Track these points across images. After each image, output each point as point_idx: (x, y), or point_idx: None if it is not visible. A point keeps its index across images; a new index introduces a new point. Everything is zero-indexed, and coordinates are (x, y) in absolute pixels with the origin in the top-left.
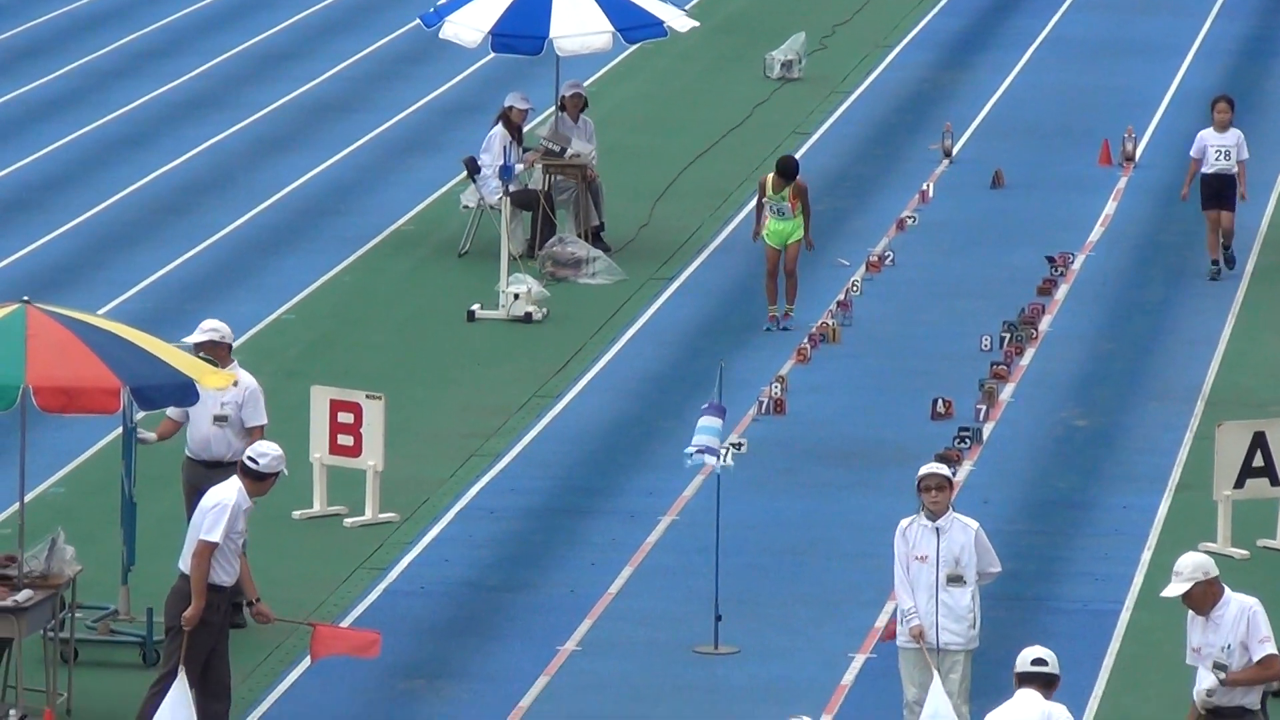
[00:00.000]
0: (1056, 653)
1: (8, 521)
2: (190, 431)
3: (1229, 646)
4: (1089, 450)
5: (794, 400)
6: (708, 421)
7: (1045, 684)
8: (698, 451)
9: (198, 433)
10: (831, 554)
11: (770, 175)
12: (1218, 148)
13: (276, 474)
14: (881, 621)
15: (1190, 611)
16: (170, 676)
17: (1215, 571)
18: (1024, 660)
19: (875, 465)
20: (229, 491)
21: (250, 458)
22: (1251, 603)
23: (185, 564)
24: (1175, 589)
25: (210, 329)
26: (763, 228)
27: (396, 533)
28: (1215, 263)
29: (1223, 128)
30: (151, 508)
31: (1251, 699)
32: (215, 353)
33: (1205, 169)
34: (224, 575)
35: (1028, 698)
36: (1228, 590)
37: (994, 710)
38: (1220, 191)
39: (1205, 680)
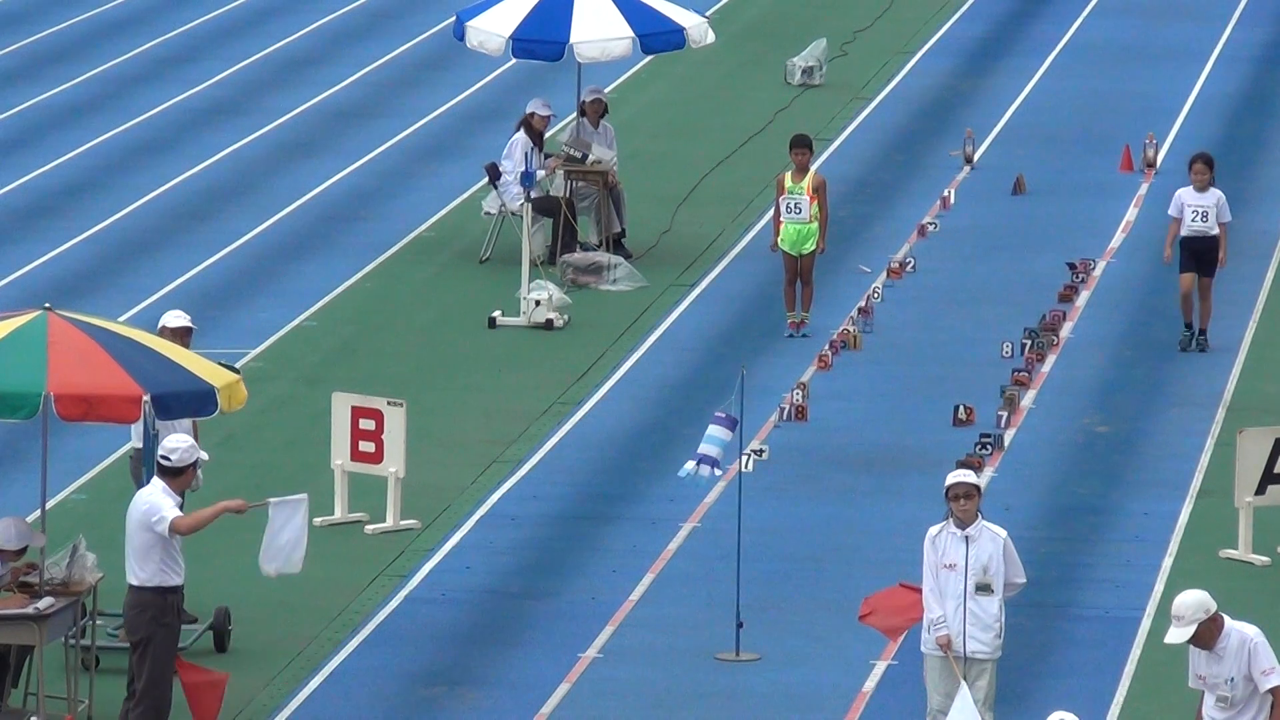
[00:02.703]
0: (1077, 660)
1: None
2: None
3: (1232, 679)
4: (1110, 456)
5: (816, 407)
6: (715, 431)
7: None
8: (696, 463)
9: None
10: (853, 560)
11: (788, 172)
12: (1195, 208)
13: (193, 464)
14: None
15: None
16: (150, 690)
17: (1214, 606)
18: None
19: (897, 472)
20: (156, 494)
21: (164, 455)
22: (1252, 633)
23: (135, 577)
24: (1179, 635)
25: (184, 315)
26: (779, 235)
27: (418, 540)
28: (1188, 327)
29: (1202, 188)
30: None
31: (1258, 715)
32: (185, 340)
33: (1183, 231)
34: (173, 576)
35: None
36: (1227, 620)
37: None
38: (1198, 255)
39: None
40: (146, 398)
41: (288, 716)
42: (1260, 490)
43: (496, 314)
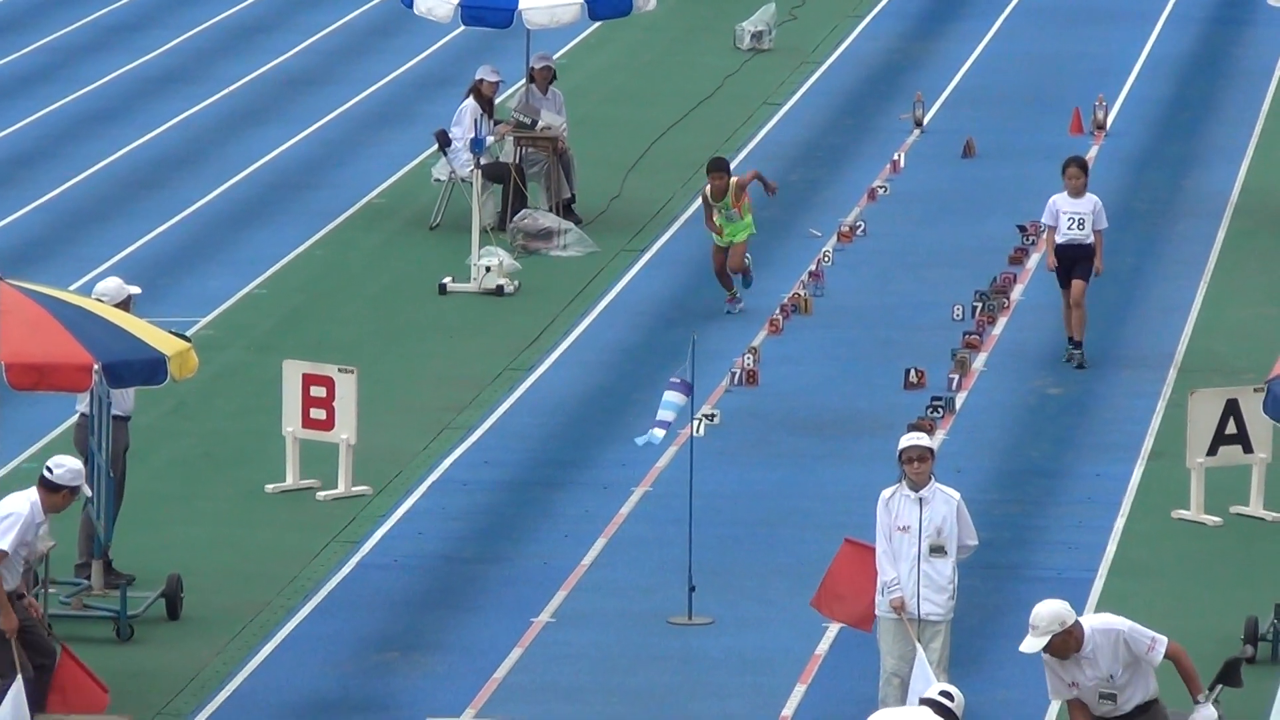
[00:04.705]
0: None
1: None
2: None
3: (1113, 676)
4: (1062, 419)
5: (766, 371)
6: (671, 397)
7: (944, 715)
8: (654, 426)
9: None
10: (805, 524)
11: (707, 186)
12: (1071, 215)
13: (72, 489)
14: None
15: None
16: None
17: (1072, 618)
18: (933, 690)
19: (848, 435)
20: (22, 503)
21: (47, 467)
22: (1117, 624)
23: None
24: (1033, 644)
25: (123, 285)
26: (720, 234)
27: (370, 506)
28: (1074, 342)
29: (1076, 193)
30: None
31: (1150, 688)
32: (128, 309)
33: (1059, 238)
34: (8, 582)
35: (927, 712)
36: (1086, 625)
37: (882, 713)
38: (1073, 264)
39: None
40: (97, 366)
41: (240, 683)
42: (1212, 451)
43: (447, 280)
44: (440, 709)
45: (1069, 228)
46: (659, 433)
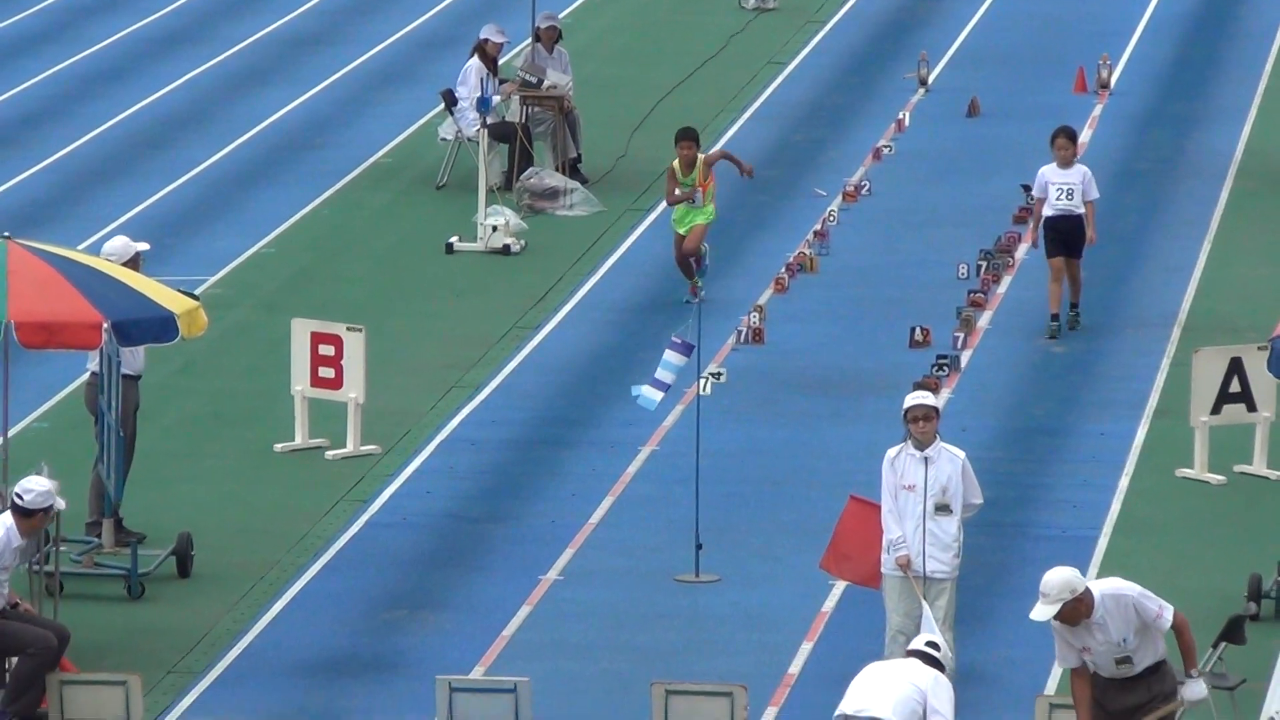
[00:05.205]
0: (1035, 579)
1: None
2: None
3: (1125, 639)
4: (1066, 377)
5: (772, 330)
6: (670, 357)
7: (931, 664)
8: (649, 385)
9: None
10: (811, 482)
11: (675, 162)
12: (1060, 186)
13: (46, 509)
14: None
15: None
16: None
17: (1082, 585)
18: (920, 640)
19: (853, 394)
20: None
21: (17, 493)
22: (1127, 590)
23: None
24: (1044, 612)
25: (130, 242)
26: (675, 198)
27: (378, 465)
28: (1055, 318)
29: (1065, 164)
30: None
31: (1159, 650)
32: (136, 267)
33: (1048, 210)
34: None
35: (913, 663)
36: (1095, 590)
37: (874, 665)
38: (1065, 236)
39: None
40: (107, 324)
41: (251, 641)
42: (1215, 410)
43: (454, 239)
44: (449, 666)
45: (1058, 199)
46: (656, 394)
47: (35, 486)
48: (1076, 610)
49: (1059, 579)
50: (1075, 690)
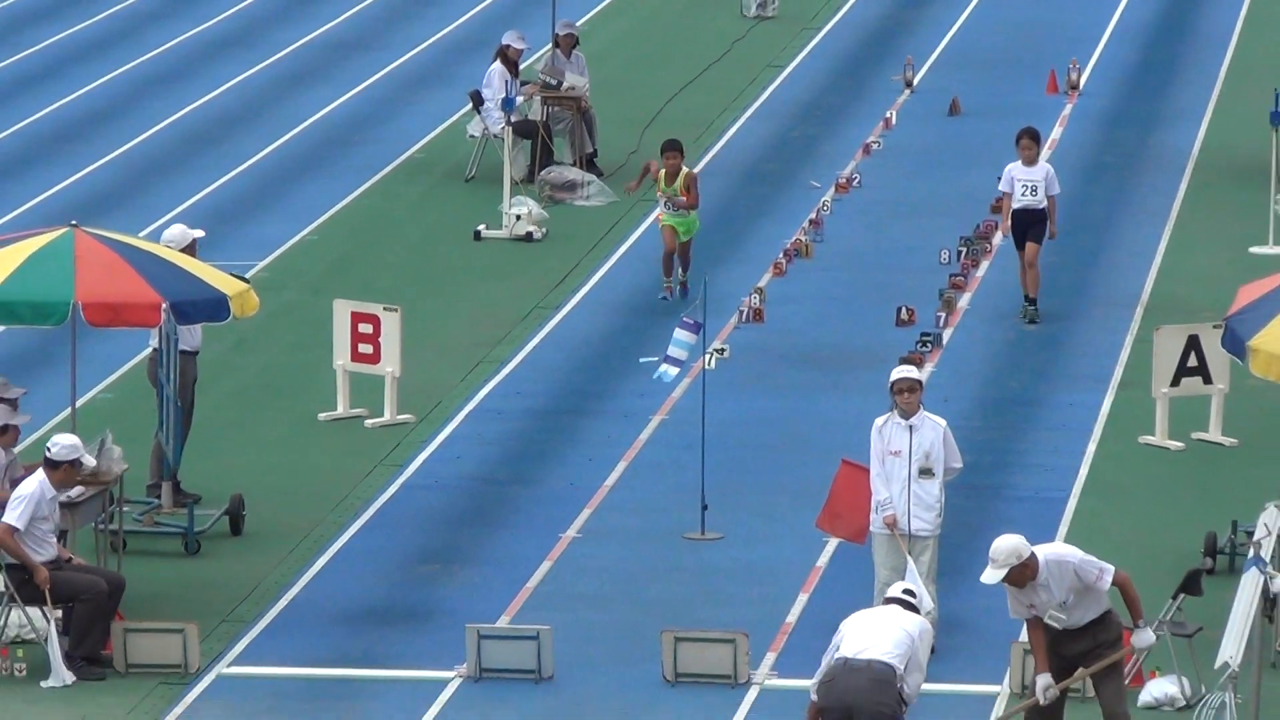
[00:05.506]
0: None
1: (63, 423)
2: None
3: (1065, 601)
4: (1039, 353)
5: (771, 310)
6: (681, 335)
7: (909, 609)
8: (660, 360)
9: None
10: (807, 448)
11: (662, 171)
12: (1025, 182)
13: (71, 462)
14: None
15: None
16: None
17: (1028, 551)
18: (896, 589)
19: (845, 368)
20: (32, 485)
21: (47, 446)
22: (1069, 556)
23: None
24: (992, 575)
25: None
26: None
27: (413, 432)
28: (1029, 300)
29: (1030, 162)
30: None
31: (1102, 604)
32: (192, 252)
33: (1015, 204)
34: (40, 555)
35: (896, 610)
36: (1040, 555)
37: (860, 613)
38: (1028, 227)
39: (1041, 681)
40: (165, 304)
41: (297, 593)
42: (1175, 382)
43: (481, 228)
44: (477, 615)
45: (1023, 194)
46: (673, 369)
47: (63, 441)
48: (1023, 573)
49: (1007, 546)
50: (1032, 637)
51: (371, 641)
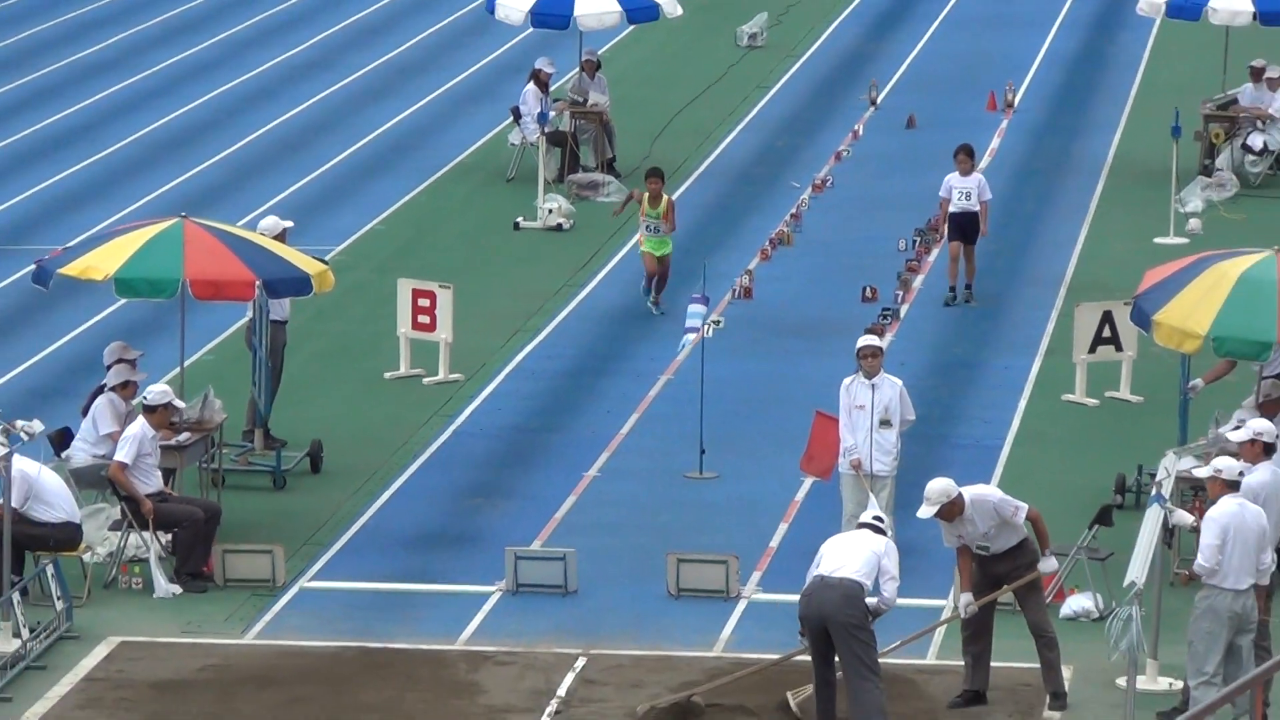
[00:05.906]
0: (954, 477)
1: (174, 380)
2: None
3: (988, 532)
4: (980, 324)
5: (759, 288)
6: (694, 308)
7: (878, 532)
8: (686, 332)
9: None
10: (788, 403)
11: (645, 195)
12: (961, 189)
13: (165, 405)
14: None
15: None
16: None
17: (955, 491)
18: (867, 515)
19: (820, 336)
20: (136, 427)
21: (144, 395)
22: (989, 495)
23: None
24: (926, 511)
25: (279, 220)
26: (640, 238)
27: (462, 389)
28: (952, 289)
29: (965, 173)
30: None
31: (1019, 535)
32: (283, 240)
33: (952, 208)
34: (147, 486)
35: (866, 533)
36: (966, 495)
37: (836, 536)
38: (963, 228)
39: (964, 599)
40: (259, 282)
41: (366, 520)
42: (1092, 350)
43: (520, 220)
44: (515, 539)
45: (960, 200)
46: (693, 337)
47: (156, 389)
48: (951, 510)
49: (938, 487)
50: (960, 561)
51: (428, 560)
